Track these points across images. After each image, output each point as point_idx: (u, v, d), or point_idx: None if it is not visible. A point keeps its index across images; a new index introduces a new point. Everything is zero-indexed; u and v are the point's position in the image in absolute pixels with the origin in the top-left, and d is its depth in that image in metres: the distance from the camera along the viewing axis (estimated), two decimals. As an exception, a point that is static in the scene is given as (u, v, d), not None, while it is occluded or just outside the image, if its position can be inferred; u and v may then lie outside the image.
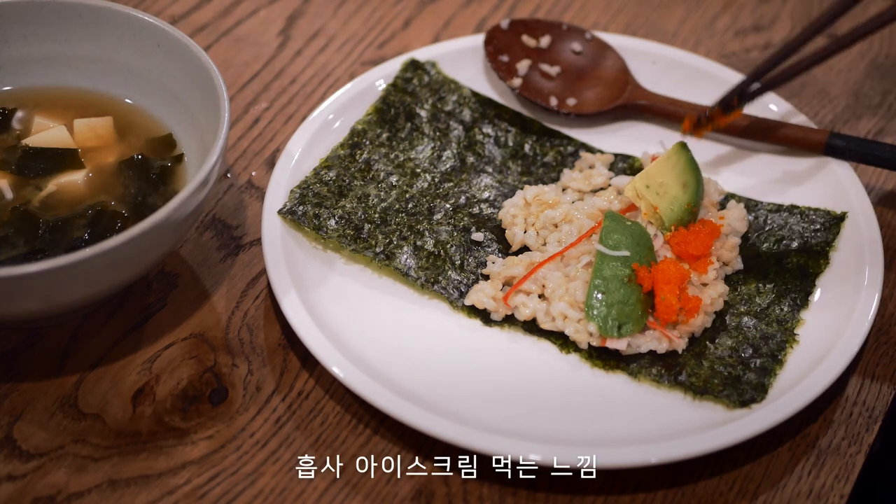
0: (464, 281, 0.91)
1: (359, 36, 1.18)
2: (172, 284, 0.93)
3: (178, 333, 0.89)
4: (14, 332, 0.89)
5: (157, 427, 0.83)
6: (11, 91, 0.97)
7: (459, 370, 0.86)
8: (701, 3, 1.24)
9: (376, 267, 0.92)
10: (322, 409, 0.85)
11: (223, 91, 0.88)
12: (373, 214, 0.94)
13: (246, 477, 0.81)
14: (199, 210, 0.85)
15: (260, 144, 1.06)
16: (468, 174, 1.00)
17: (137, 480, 0.80)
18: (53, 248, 0.85)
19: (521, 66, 1.07)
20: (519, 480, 0.81)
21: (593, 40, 1.10)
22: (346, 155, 0.99)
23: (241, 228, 0.98)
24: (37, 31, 0.96)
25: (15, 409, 0.84)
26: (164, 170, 0.92)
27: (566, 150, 1.04)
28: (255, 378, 0.87)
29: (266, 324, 0.90)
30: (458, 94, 1.06)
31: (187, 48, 0.92)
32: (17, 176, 0.91)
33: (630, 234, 0.89)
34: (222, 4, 1.21)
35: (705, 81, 1.07)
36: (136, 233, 0.78)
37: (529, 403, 0.84)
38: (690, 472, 0.82)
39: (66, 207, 0.89)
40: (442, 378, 0.85)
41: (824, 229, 0.94)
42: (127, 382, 0.86)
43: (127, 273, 0.84)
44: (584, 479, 0.81)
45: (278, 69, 1.14)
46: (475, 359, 0.87)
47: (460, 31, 1.19)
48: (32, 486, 0.79)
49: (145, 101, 0.97)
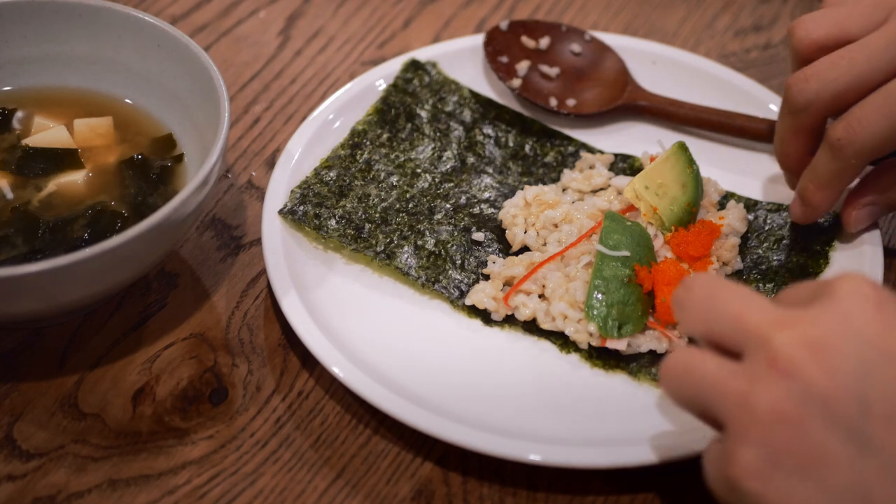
0: (464, 280, 0.92)
1: (359, 36, 1.18)
2: (172, 284, 0.93)
3: (178, 333, 0.89)
4: (14, 332, 0.89)
5: (157, 427, 0.83)
6: (11, 91, 0.97)
7: (460, 370, 0.86)
8: (701, 3, 1.24)
9: (377, 267, 0.92)
10: (322, 409, 0.85)
11: (223, 91, 0.88)
12: (373, 214, 0.94)
13: (246, 477, 0.81)
14: (199, 210, 0.85)
15: (260, 144, 1.06)
16: (468, 174, 1.00)
17: (137, 480, 0.80)
18: (53, 248, 0.85)
19: (521, 67, 1.07)
20: (519, 480, 0.81)
21: (593, 41, 1.10)
22: (346, 155, 0.99)
23: (241, 228, 0.98)
24: (37, 31, 0.96)
25: (15, 409, 0.84)
26: (164, 170, 0.92)
27: (566, 151, 1.04)
28: (255, 378, 0.87)
29: (266, 324, 0.90)
30: (459, 94, 1.06)
31: (187, 48, 0.92)
32: (17, 176, 0.91)
33: (630, 234, 0.89)
34: (222, 4, 1.21)
35: (705, 81, 1.07)
36: (136, 233, 0.78)
37: (529, 403, 0.84)
38: (691, 471, 0.81)
39: (66, 207, 0.89)
40: (442, 378, 0.85)
41: (824, 229, 0.94)
42: (127, 382, 0.86)
43: (127, 273, 0.84)
44: (583, 478, 0.81)
45: (278, 69, 1.14)
46: (475, 359, 0.87)
47: (460, 31, 1.19)
48: (32, 486, 0.79)
49: (145, 101, 0.97)
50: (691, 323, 0.68)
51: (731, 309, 0.65)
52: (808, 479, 0.59)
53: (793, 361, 0.60)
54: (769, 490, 0.60)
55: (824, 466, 0.59)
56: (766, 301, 0.65)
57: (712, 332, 0.66)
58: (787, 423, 0.59)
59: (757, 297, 0.66)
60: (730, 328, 0.64)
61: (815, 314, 0.63)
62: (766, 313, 0.64)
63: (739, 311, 0.64)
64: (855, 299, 0.63)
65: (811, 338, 0.61)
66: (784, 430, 0.59)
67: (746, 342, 0.63)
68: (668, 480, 0.81)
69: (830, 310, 0.62)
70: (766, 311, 0.64)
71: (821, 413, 0.59)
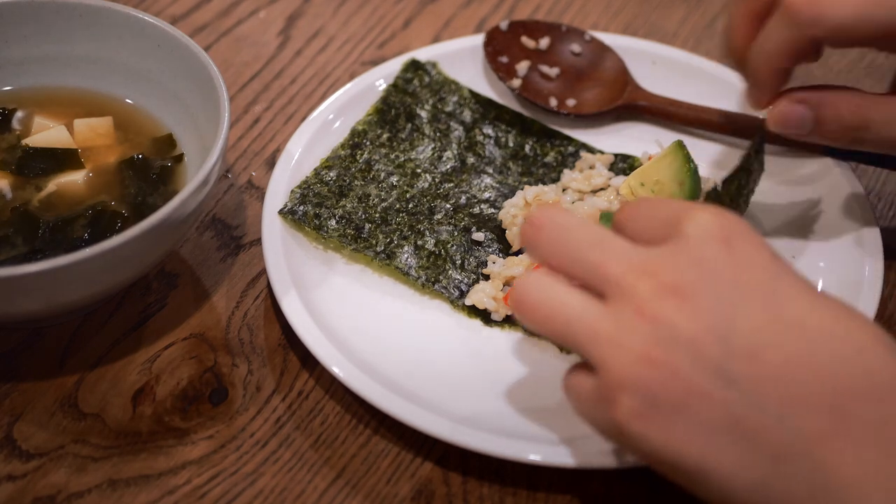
0: (464, 280, 0.92)
1: (359, 36, 1.18)
2: (172, 284, 0.93)
3: (178, 333, 0.89)
4: (14, 332, 0.89)
5: (157, 427, 0.83)
6: (11, 91, 0.97)
7: (460, 370, 0.86)
8: (701, 3, 1.24)
9: (377, 267, 0.92)
10: (322, 409, 0.85)
11: (223, 91, 0.88)
12: (373, 214, 0.94)
13: (246, 477, 0.81)
14: (199, 210, 0.85)
15: (260, 144, 1.06)
16: (468, 174, 1.00)
17: (137, 480, 0.80)
18: (53, 248, 0.85)
19: (521, 67, 1.07)
20: (519, 480, 0.81)
21: (592, 41, 1.10)
22: (346, 155, 0.99)
23: (241, 228, 0.98)
24: (37, 31, 0.96)
25: (15, 409, 0.84)
26: (164, 170, 0.92)
27: (566, 151, 1.04)
28: (255, 378, 0.87)
29: (266, 324, 0.90)
30: (459, 94, 1.06)
31: (187, 48, 0.92)
32: (17, 176, 0.91)
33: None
34: (222, 4, 1.21)
35: (705, 81, 1.07)
36: (136, 233, 0.78)
37: (529, 403, 0.84)
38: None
39: (66, 207, 0.89)
40: (442, 378, 0.85)
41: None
42: (127, 382, 0.86)
43: (127, 273, 0.84)
44: (584, 478, 0.81)
45: (278, 69, 1.14)
46: (475, 358, 0.87)
47: (460, 31, 1.19)
48: (32, 486, 0.79)
49: (145, 101, 0.97)
50: (547, 262, 0.71)
51: (590, 257, 0.69)
52: (684, 416, 0.64)
53: (657, 309, 0.65)
54: (651, 430, 0.65)
55: (697, 403, 0.64)
56: (619, 243, 0.69)
57: (572, 273, 0.70)
58: (659, 368, 0.64)
59: (610, 238, 0.69)
60: (590, 274, 0.69)
61: (670, 260, 0.67)
62: (624, 261, 0.68)
63: (598, 260, 0.68)
64: (705, 242, 0.67)
65: (671, 284, 0.66)
66: (657, 373, 0.64)
67: (608, 289, 0.67)
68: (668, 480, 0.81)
69: (684, 253, 0.67)
70: (623, 258, 0.68)
71: (688, 355, 0.64)
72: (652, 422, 0.65)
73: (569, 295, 0.69)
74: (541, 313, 0.70)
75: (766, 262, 0.68)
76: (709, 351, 0.64)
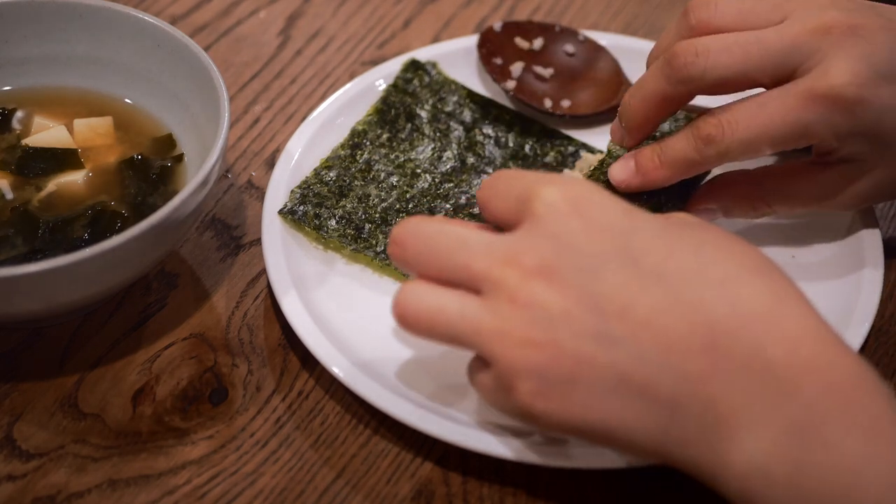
0: (464, 281, 0.92)
1: (359, 36, 1.18)
2: (172, 284, 0.93)
3: (178, 333, 0.89)
4: (14, 332, 0.89)
5: (157, 427, 0.83)
6: (11, 91, 0.97)
7: (460, 370, 0.86)
8: (701, 4, 1.24)
9: (377, 267, 0.92)
10: (322, 409, 0.85)
11: (223, 91, 0.88)
12: (373, 214, 0.94)
13: (246, 477, 0.81)
14: (199, 210, 0.85)
15: (260, 144, 1.06)
16: (468, 175, 1.00)
17: (137, 480, 0.80)
18: (53, 248, 0.85)
19: (515, 68, 1.07)
20: (519, 480, 0.81)
21: (586, 42, 1.10)
22: (346, 155, 0.99)
23: (241, 228, 0.98)
24: (37, 31, 0.96)
25: (15, 409, 0.84)
26: (164, 170, 0.92)
27: (566, 151, 1.04)
28: (255, 378, 0.87)
29: (266, 324, 0.90)
30: (459, 94, 1.06)
31: (187, 48, 0.92)
32: (17, 176, 0.91)
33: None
34: (222, 4, 1.21)
35: (705, 82, 1.07)
36: (136, 233, 0.78)
37: (529, 403, 0.84)
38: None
39: (65, 207, 0.89)
40: (443, 378, 0.85)
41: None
42: (127, 382, 0.86)
43: (127, 273, 0.84)
44: (584, 479, 0.81)
45: (278, 69, 1.14)
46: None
47: (460, 31, 1.19)
48: (32, 486, 0.79)
49: (145, 101, 0.97)
50: (420, 275, 0.73)
51: (457, 260, 0.71)
52: (578, 386, 0.67)
53: (528, 294, 0.67)
54: (552, 406, 0.68)
55: (586, 371, 0.67)
56: (480, 238, 0.71)
57: (445, 279, 0.72)
58: (544, 348, 0.67)
59: (470, 235, 0.71)
60: (461, 276, 0.71)
61: (529, 243, 0.69)
62: (487, 256, 0.70)
63: (464, 260, 0.70)
64: (555, 218, 0.69)
65: (535, 267, 0.68)
66: (543, 353, 0.67)
67: (481, 285, 0.70)
68: (668, 480, 0.81)
69: (539, 233, 0.69)
70: (486, 252, 0.70)
71: (566, 329, 0.67)
72: (551, 398, 0.67)
73: (446, 297, 0.71)
74: (423, 322, 0.72)
75: (617, 221, 0.70)
76: (584, 320, 0.67)
